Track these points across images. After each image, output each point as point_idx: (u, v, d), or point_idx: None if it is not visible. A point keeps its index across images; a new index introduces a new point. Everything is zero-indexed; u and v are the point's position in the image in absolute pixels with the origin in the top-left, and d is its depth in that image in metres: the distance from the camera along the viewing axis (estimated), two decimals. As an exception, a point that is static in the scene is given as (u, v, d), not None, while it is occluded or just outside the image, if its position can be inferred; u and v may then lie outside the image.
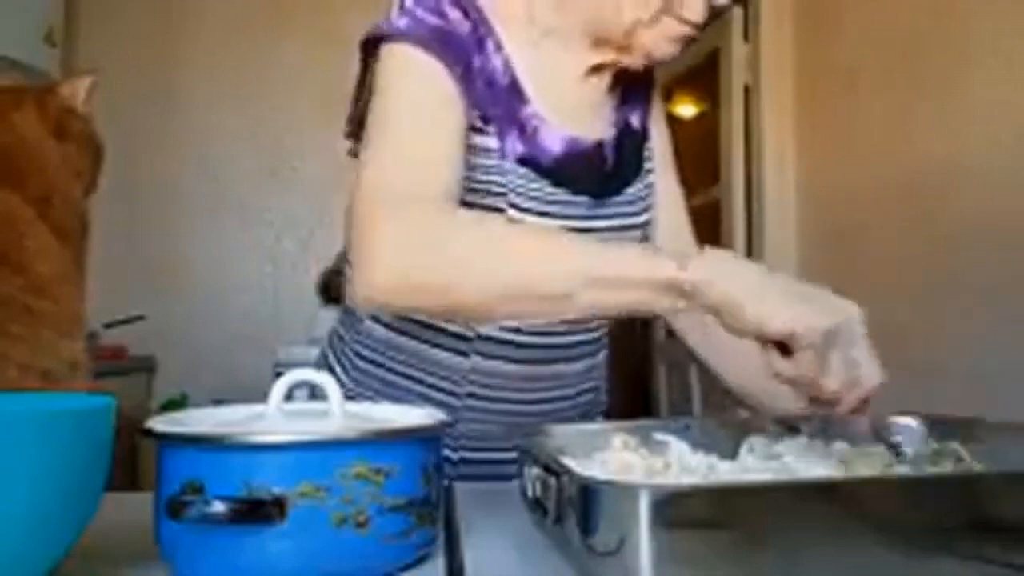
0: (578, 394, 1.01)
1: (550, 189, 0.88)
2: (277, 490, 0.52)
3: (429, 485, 0.58)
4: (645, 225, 0.98)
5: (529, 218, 0.87)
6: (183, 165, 3.20)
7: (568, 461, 0.63)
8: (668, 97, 3.43)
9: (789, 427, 0.77)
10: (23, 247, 0.75)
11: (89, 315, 0.81)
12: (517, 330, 0.92)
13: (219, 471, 0.53)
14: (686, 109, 3.48)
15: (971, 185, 1.90)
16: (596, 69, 0.93)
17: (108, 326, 2.71)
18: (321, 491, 0.53)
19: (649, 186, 0.99)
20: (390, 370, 0.97)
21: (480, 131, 0.86)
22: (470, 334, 0.92)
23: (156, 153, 3.14)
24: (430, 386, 0.95)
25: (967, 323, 1.88)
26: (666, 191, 1.04)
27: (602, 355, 1.04)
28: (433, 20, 0.83)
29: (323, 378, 0.63)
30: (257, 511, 0.51)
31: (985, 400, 1.56)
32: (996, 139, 1.83)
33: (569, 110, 0.92)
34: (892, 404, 0.72)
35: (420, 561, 0.59)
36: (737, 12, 2.86)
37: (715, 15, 0.88)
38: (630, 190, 0.96)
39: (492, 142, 0.86)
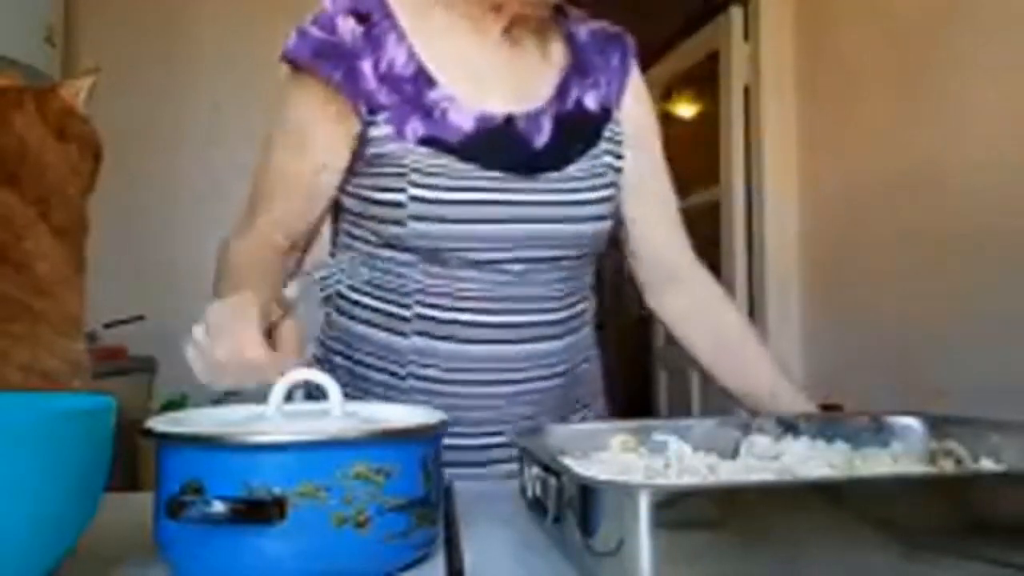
0: (556, 375, 0.97)
1: (458, 165, 0.90)
2: (277, 490, 0.52)
3: (429, 485, 0.58)
4: (596, 203, 0.96)
5: (433, 194, 0.89)
6: (183, 165, 3.19)
7: (568, 461, 0.63)
8: (668, 97, 3.43)
9: (789, 427, 0.77)
10: (22, 247, 0.75)
11: (89, 315, 0.81)
12: (462, 310, 0.92)
13: (219, 471, 0.53)
14: (686, 109, 3.47)
15: (971, 184, 1.90)
16: (507, 29, 0.96)
17: (108, 326, 2.71)
18: (321, 491, 0.53)
19: (604, 166, 0.99)
20: (348, 358, 0.98)
21: (371, 123, 0.91)
22: (407, 314, 0.93)
23: (156, 153, 3.14)
24: (378, 369, 0.95)
25: (967, 321, 1.88)
26: (644, 168, 1.04)
27: (585, 332, 1.02)
28: (319, 35, 0.93)
29: (323, 378, 0.63)
30: (257, 511, 0.51)
31: (985, 398, 1.56)
32: (996, 139, 1.83)
33: (486, 85, 0.94)
34: (892, 401, 0.72)
35: (420, 561, 0.59)
36: (737, 12, 2.86)
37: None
38: (572, 168, 0.96)
39: (385, 129, 0.91)
